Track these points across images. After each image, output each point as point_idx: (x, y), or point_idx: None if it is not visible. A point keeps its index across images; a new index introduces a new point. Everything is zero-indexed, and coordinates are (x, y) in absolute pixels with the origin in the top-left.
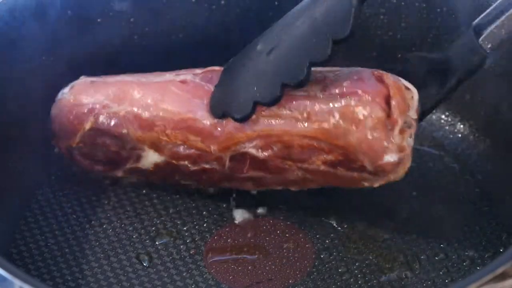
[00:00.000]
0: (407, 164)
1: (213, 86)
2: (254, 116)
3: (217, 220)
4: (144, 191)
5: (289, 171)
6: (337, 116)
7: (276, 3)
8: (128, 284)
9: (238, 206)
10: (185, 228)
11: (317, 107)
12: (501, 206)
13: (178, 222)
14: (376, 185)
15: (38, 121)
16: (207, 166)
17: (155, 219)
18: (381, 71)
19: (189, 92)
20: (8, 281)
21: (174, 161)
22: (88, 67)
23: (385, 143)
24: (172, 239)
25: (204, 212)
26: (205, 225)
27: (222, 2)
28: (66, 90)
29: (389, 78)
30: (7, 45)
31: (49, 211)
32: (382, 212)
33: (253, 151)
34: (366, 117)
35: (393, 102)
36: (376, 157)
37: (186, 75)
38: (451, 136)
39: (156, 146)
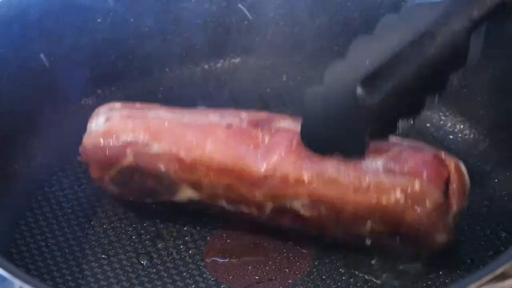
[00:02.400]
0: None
1: (260, 132)
2: (307, 177)
3: (217, 220)
4: None
5: (328, 229)
6: (398, 193)
7: (276, 3)
8: (128, 284)
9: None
10: (185, 228)
11: (378, 180)
12: (501, 206)
13: (178, 222)
14: None
15: (41, 121)
16: (245, 210)
17: (155, 219)
18: (443, 154)
19: (235, 138)
20: (8, 281)
21: (211, 201)
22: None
23: (440, 227)
24: (172, 239)
25: (204, 212)
26: (205, 225)
27: (224, 4)
28: (100, 121)
29: (451, 161)
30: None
31: (49, 211)
32: None
33: (298, 208)
34: (426, 200)
35: (452, 186)
36: (426, 238)
37: (232, 117)
38: (451, 136)
39: (195, 186)
